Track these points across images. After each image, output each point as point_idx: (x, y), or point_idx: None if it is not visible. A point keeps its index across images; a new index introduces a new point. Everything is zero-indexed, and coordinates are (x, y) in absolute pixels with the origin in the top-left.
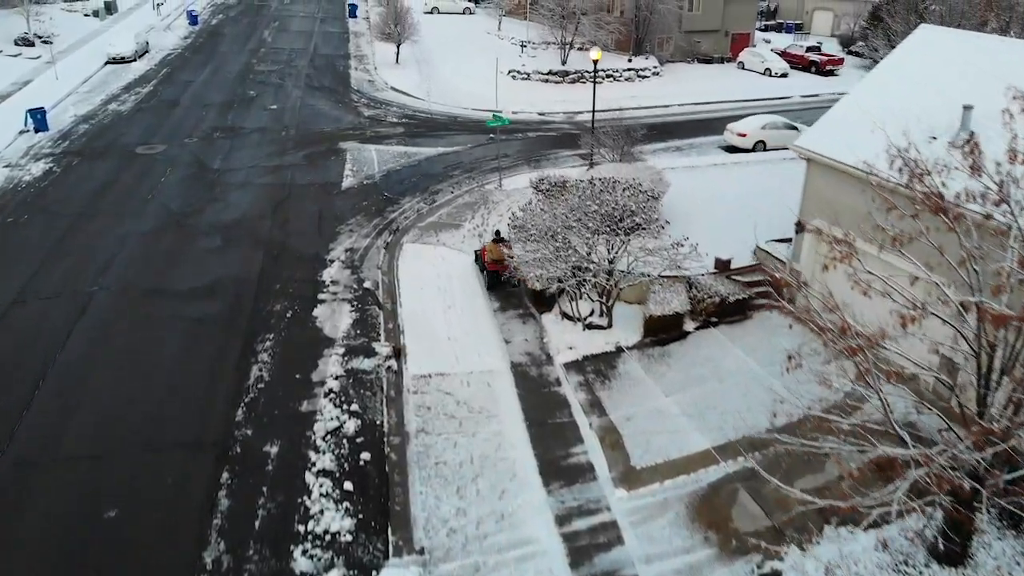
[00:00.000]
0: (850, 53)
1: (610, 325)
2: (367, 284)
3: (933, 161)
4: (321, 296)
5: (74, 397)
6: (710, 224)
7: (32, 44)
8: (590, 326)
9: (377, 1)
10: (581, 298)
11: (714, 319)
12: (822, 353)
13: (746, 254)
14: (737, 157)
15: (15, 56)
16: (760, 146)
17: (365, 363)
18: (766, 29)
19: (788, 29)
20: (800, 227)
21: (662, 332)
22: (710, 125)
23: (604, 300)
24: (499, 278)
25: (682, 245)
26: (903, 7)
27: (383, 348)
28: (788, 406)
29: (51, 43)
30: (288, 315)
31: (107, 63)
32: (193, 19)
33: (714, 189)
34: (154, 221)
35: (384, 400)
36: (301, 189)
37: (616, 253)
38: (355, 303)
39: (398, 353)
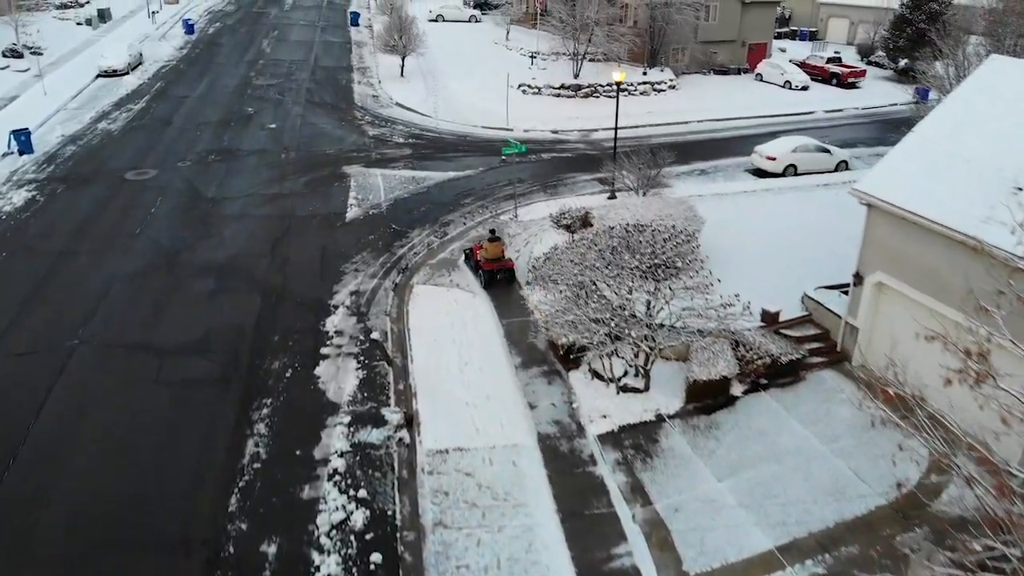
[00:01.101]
0: (870, 63)
1: (647, 388)
2: (375, 334)
3: None
4: (324, 350)
5: (45, 483)
6: (746, 264)
7: (21, 56)
8: (625, 388)
9: (380, 9)
10: (614, 355)
11: (763, 380)
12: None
13: (791, 300)
14: (767, 183)
15: (2, 69)
16: (791, 170)
17: (374, 435)
18: (780, 37)
19: (802, 36)
20: (858, 279)
21: (707, 397)
22: (734, 145)
23: (644, 364)
24: (496, 277)
25: (732, 305)
26: (950, 22)
27: (393, 415)
28: (858, 491)
29: (41, 54)
30: (288, 375)
31: (98, 76)
32: (189, 28)
33: (747, 221)
34: (142, 260)
35: (396, 483)
36: (302, 221)
37: (657, 309)
38: (362, 358)
39: (410, 421)
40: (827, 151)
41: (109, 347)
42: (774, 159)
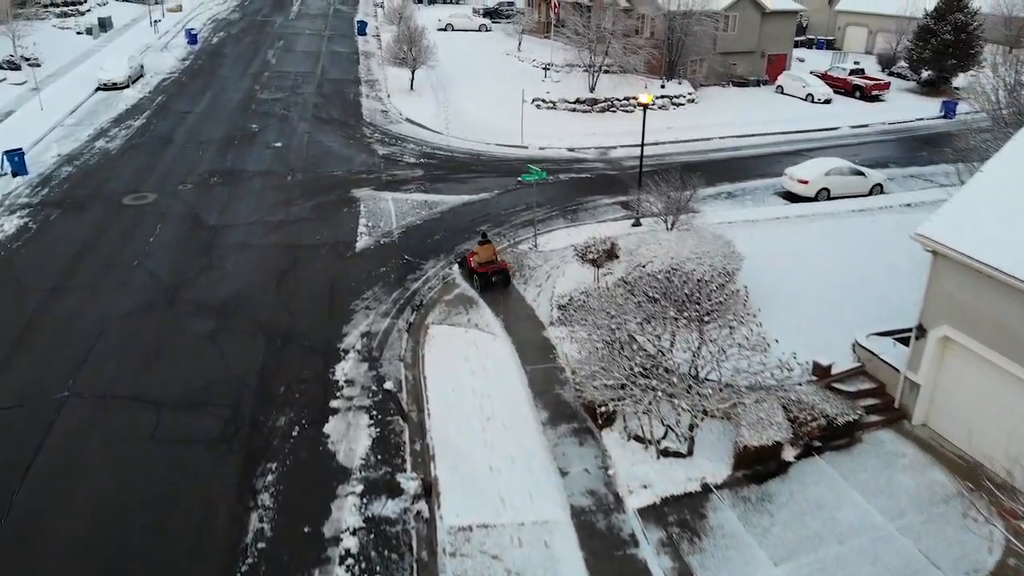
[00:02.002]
0: (892, 74)
1: (691, 452)
2: (388, 384)
3: None
4: (334, 403)
5: (30, 562)
6: (787, 303)
7: (18, 67)
8: (666, 452)
9: (387, 18)
10: (651, 412)
11: (817, 442)
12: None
13: (840, 348)
14: (800, 208)
15: None
16: (823, 194)
17: (389, 507)
18: (797, 45)
19: (819, 45)
20: (921, 331)
21: (757, 464)
22: (760, 164)
23: (689, 428)
24: (491, 279)
25: (792, 369)
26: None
27: (410, 482)
28: None
29: (39, 66)
30: (295, 433)
31: (98, 89)
32: (192, 38)
33: (783, 253)
34: (139, 297)
35: (414, 567)
36: (309, 252)
37: (706, 371)
38: (375, 412)
39: (429, 490)
40: (861, 174)
41: (102, 399)
42: (806, 182)
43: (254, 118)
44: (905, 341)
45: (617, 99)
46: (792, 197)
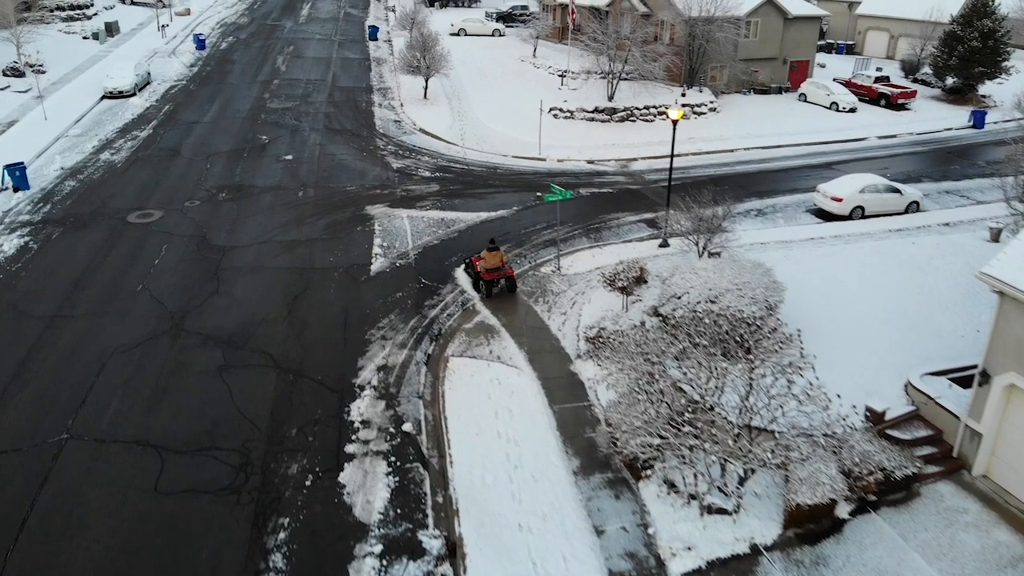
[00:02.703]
0: (916, 81)
1: (737, 509)
2: (407, 425)
3: None
4: (349, 447)
5: None
6: (831, 338)
7: (22, 75)
8: (710, 509)
9: (399, 23)
10: (695, 464)
11: (872, 496)
12: None
13: (891, 388)
14: (834, 227)
15: (2, 90)
16: (857, 212)
17: (411, 570)
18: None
19: (839, 50)
20: (985, 378)
21: (810, 522)
22: (788, 178)
23: (738, 484)
24: (496, 285)
25: (855, 429)
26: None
27: (433, 541)
28: None
29: (43, 73)
30: (308, 483)
31: (103, 98)
32: (200, 43)
33: (821, 279)
34: (143, 326)
35: None
36: (322, 275)
37: (752, 414)
38: (393, 458)
39: (453, 550)
40: (897, 191)
41: (103, 443)
42: (840, 200)
43: (264, 129)
44: (961, 381)
45: (637, 108)
46: (825, 215)
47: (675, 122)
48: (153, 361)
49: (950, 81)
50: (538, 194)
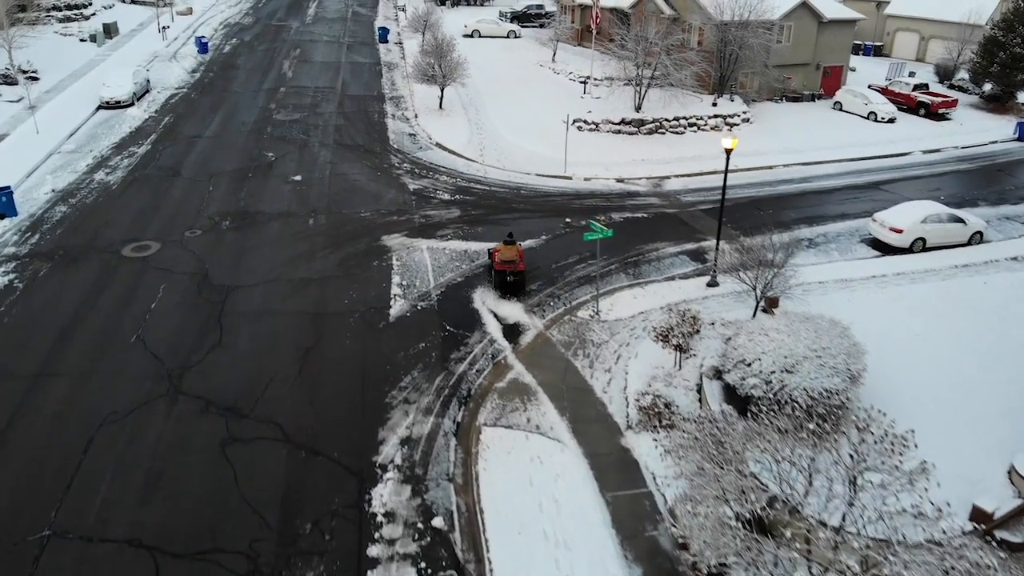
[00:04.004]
0: (952, 87)
1: None
2: (437, 520)
3: None
4: (372, 550)
5: None
6: (912, 407)
7: (14, 82)
8: None
9: (411, 25)
10: None
11: None
12: None
13: (990, 471)
14: (895, 263)
15: None
16: (918, 244)
17: None
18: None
19: (867, 52)
20: None
21: None
22: (835, 201)
23: None
24: (506, 277)
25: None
26: None
27: None
28: None
29: (37, 79)
30: None
31: (99, 108)
32: (203, 47)
33: (893, 330)
34: (137, 389)
35: None
36: (337, 322)
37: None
38: (423, 564)
39: None
40: (960, 220)
41: (90, 542)
42: (900, 231)
43: (270, 144)
44: None
45: (666, 119)
46: (881, 245)
47: (728, 151)
48: (147, 434)
49: (988, 87)
50: (567, 220)
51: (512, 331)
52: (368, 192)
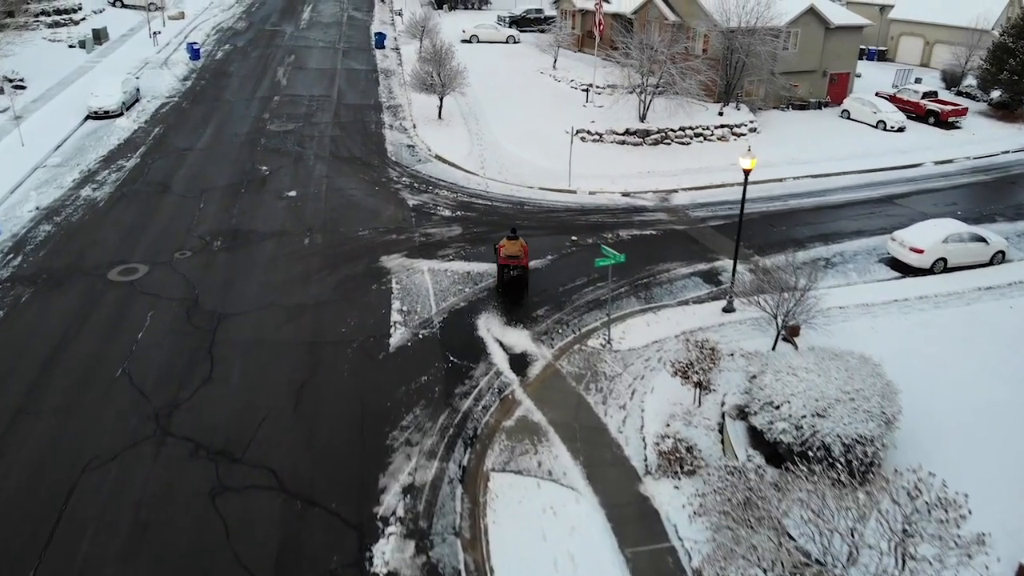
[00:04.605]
0: (959, 94)
1: None
2: None
3: None
4: None
5: None
6: (947, 447)
7: (0, 91)
8: None
9: (408, 31)
10: None
11: None
12: None
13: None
14: (917, 285)
15: None
16: (939, 264)
17: None
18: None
19: (870, 56)
20: None
21: None
22: (850, 216)
23: None
24: (508, 272)
25: None
26: None
27: None
28: None
29: (24, 88)
30: None
31: (88, 118)
32: (195, 53)
33: (920, 362)
34: (122, 429)
35: None
36: (334, 352)
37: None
38: None
39: None
40: (982, 239)
41: None
42: (921, 252)
43: (264, 157)
44: None
45: (671, 129)
46: (900, 264)
47: (747, 172)
48: (132, 481)
49: (996, 94)
50: (573, 238)
51: (519, 361)
52: (366, 208)
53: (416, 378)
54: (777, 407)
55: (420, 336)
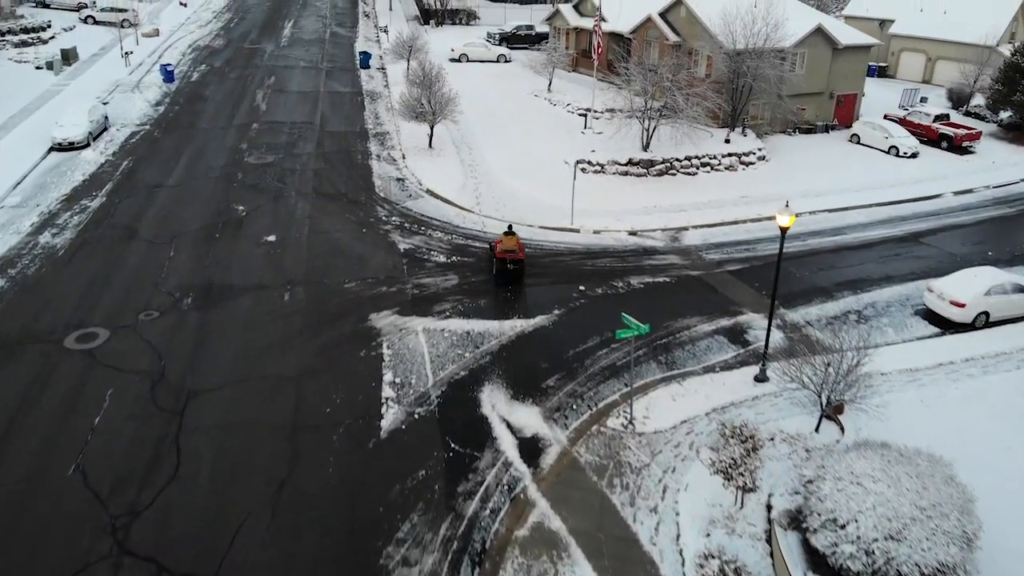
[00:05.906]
0: (967, 115)
1: None
2: None
3: None
4: None
5: None
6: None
7: None
8: None
9: (394, 51)
10: None
11: None
12: None
13: None
14: (960, 344)
15: None
16: (981, 318)
17: None
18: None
19: (871, 72)
20: None
21: None
22: (874, 258)
23: None
24: (506, 265)
25: None
26: None
27: None
28: None
29: None
30: None
31: (51, 150)
32: (168, 75)
33: (980, 447)
34: (73, 548)
35: None
36: (317, 439)
37: None
38: None
39: None
40: None
41: None
42: (963, 306)
43: (240, 195)
44: None
45: (677, 159)
46: (937, 317)
47: (784, 230)
48: None
49: (1005, 115)
50: (581, 287)
51: (530, 448)
52: (352, 255)
53: (413, 473)
54: (842, 526)
55: (416, 416)
